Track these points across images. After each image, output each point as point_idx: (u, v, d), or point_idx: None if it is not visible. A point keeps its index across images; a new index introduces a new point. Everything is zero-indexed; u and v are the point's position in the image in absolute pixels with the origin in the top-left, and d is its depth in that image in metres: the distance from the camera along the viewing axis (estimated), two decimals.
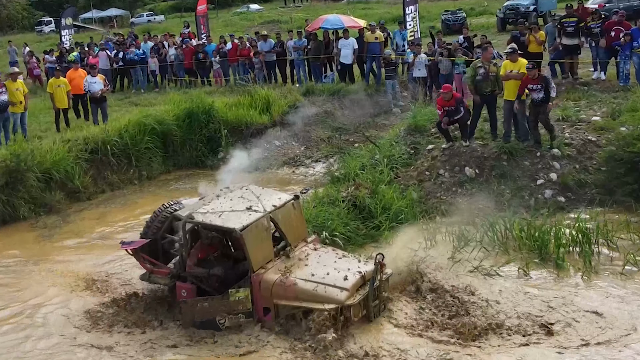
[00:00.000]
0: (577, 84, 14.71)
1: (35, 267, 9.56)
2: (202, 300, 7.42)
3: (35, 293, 8.64)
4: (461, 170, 10.79)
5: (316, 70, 18.08)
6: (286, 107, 15.34)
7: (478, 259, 8.36)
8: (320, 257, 7.71)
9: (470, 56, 15.70)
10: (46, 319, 7.94)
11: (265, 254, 7.55)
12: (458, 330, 6.92)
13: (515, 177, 10.51)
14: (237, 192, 8.07)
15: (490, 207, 9.95)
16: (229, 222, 7.41)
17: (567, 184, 10.33)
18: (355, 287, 7.21)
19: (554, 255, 8.33)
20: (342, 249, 8.50)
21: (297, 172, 13.50)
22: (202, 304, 7.41)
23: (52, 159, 12.25)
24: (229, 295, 7.26)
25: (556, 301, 7.39)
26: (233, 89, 17.96)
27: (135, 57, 19.81)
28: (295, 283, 7.20)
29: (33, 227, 11.24)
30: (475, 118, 11.52)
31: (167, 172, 14.26)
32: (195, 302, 7.43)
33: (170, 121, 14.41)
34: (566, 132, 11.43)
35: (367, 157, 11.54)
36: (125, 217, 11.57)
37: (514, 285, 7.85)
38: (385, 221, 9.48)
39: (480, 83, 11.34)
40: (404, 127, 12.73)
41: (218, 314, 7.33)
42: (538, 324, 6.98)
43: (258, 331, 7.13)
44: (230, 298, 7.27)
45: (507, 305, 7.35)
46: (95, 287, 8.66)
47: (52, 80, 14.70)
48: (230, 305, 7.29)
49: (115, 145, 13.35)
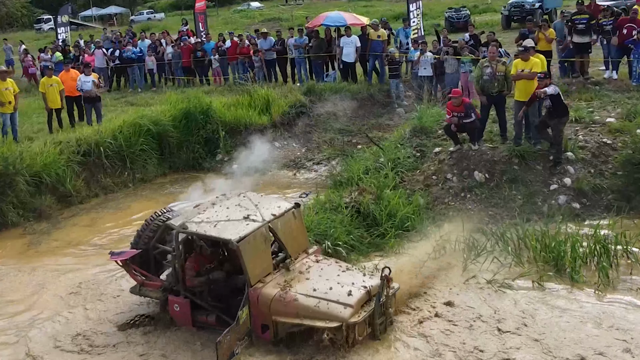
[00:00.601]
0: (588, 83, 14.26)
1: (21, 276, 9.08)
2: (227, 334, 6.49)
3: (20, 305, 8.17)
4: (470, 175, 10.29)
5: (317, 68, 17.59)
6: (286, 108, 14.81)
7: (491, 271, 7.85)
8: (323, 270, 7.23)
9: (477, 54, 15.29)
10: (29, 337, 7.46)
11: (263, 266, 7.07)
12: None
13: (527, 182, 10.00)
14: (234, 200, 7.60)
15: (501, 214, 9.47)
16: (225, 232, 6.93)
17: (582, 189, 9.83)
18: (360, 303, 6.75)
19: (569, 267, 7.82)
20: (346, 259, 8.00)
21: (298, 174, 12.99)
22: (227, 337, 6.49)
23: (42, 161, 11.77)
24: (239, 319, 6.68)
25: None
26: (232, 88, 17.50)
27: (132, 55, 19.36)
28: (295, 299, 6.73)
29: (21, 234, 10.75)
30: (483, 120, 11.03)
31: (163, 175, 13.78)
32: (227, 340, 6.46)
33: (167, 122, 13.94)
34: (580, 134, 10.92)
35: (371, 160, 11.06)
36: (117, 223, 11.10)
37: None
38: (391, 229, 8.99)
39: (487, 83, 10.87)
40: (409, 128, 12.23)
41: (235, 343, 6.66)
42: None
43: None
44: (240, 321, 6.69)
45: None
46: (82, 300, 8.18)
47: (44, 80, 14.23)
48: (240, 329, 6.71)
49: (109, 147, 12.87)
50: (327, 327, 6.47)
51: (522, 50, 10.67)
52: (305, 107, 15.20)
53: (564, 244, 8.06)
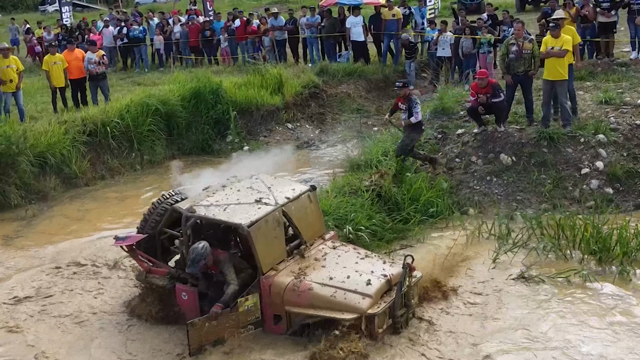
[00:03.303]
0: (614, 64, 13.67)
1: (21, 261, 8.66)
2: (209, 318, 6.25)
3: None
4: (496, 158, 9.71)
5: (330, 48, 17.02)
6: (299, 88, 14.26)
7: (525, 264, 7.25)
8: (340, 257, 6.75)
9: (496, 34, 14.74)
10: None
11: (276, 253, 6.60)
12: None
13: (557, 166, 9.43)
14: (245, 182, 7.12)
15: (529, 199, 8.93)
16: (235, 216, 6.46)
17: (616, 173, 9.25)
18: (379, 294, 6.27)
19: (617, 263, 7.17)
20: (367, 245, 7.48)
21: (312, 156, 12.44)
22: (211, 323, 6.21)
23: (46, 141, 11.26)
24: (238, 306, 6.26)
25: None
26: (241, 68, 17.01)
27: (139, 34, 18.85)
28: (310, 288, 6.26)
29: (22, 217, 10.29)
30: (509, 100, 10.47)
31: (172, 157, 13.28)
32: (202, 322, 6.19)
33: (175, 102, 13.38)
34: (611, 116, 10.33)
35: (390, 142, 10.49)
36: (124, 207, 10.61)
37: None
38: (414, 213, 8.45)
39: (513, 62, 10.34)
40: (429, 109, 11.65)
41: (227, 331, 6.27)
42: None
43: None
44: (240, 309, 6.26)
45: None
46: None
47: (47, 57, 13.68)
48: (239, 317, 6.28)
49: (115, 127, 12.33)
50: (344, 319, 5.99)
51: (553, 26, 10.03)
52: (319, 88, 14.67)
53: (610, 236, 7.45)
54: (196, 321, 6.16)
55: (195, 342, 6.14)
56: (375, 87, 15.93)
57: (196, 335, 6.14)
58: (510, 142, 9.78)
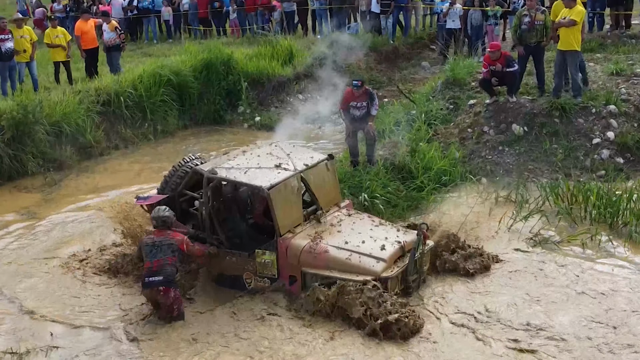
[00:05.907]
0: (624, 36, 13.65)
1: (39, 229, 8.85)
2: (230, 254, 6.79)
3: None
4: (508, 128, 9.80)
5: (340, 20, 16.98)
6: (310, 59, 14.29)
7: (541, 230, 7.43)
8: (355, 224, 6.94)
9: (506, 6, 14.71)
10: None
11: (294, 216, 6.79)
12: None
13: (568, 136, 9.52)
14: (265, 149, 7.32)
15: (541, 168, 9.04)
16: (255, 179, 6.67)
17: (626, 143, 9.35)
18: (393, 258, 6.47)
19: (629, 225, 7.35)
20: (382, 213, 7.64)
21: (324, 127, 12.54)
22: (231, 257, 6.79)
23: (61, 111, 11.39)
24: (256, 256, 6.60)
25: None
26: (250, 39, 16.97)
27: (148, 5, 18.79)
28: (326, 250, 6.44)
29: (40, 185, 10.47)
30: (521, 71, 10.50)
31: (184, 128, 13.41)
32: (224, 254, 6.81)
33: (187, 72, 13.45)
34: (622, 87, 10.38)
35: (402, 113, 10.59)
36: (136, 175, 10.79)
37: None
38: (428, 182, 8.60)
39: (525, 33, 10.35)
40: (441, 80, 11.71)
41: (245, 272, 6.72)
42: None
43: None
44: (257, 259, 6.62)
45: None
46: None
47: (48, 31, 13.50)
48: (256, 266, 6.65)
49: (129, 97, 12.44)
50: (359, 281, 6.18)
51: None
52: (329, 59, 14.67)
53: (620, 201, 7.61)
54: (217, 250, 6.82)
55: (215, 270, 6.87)
56: (385, 59, 15.97)
57: (217, 265, 6.87)
58: (522, 113, 9.86)
